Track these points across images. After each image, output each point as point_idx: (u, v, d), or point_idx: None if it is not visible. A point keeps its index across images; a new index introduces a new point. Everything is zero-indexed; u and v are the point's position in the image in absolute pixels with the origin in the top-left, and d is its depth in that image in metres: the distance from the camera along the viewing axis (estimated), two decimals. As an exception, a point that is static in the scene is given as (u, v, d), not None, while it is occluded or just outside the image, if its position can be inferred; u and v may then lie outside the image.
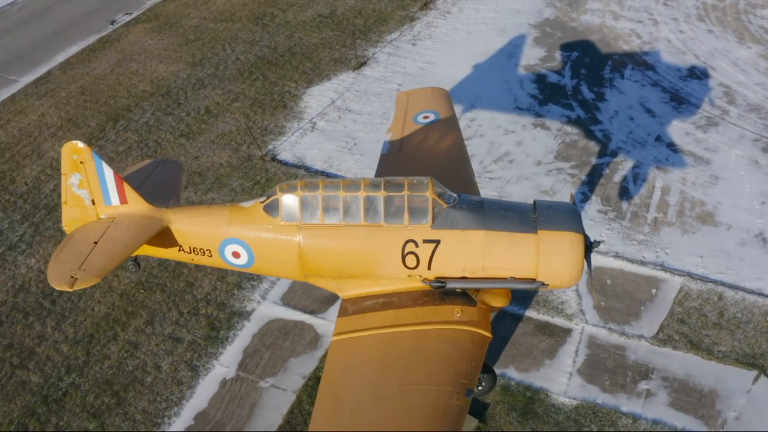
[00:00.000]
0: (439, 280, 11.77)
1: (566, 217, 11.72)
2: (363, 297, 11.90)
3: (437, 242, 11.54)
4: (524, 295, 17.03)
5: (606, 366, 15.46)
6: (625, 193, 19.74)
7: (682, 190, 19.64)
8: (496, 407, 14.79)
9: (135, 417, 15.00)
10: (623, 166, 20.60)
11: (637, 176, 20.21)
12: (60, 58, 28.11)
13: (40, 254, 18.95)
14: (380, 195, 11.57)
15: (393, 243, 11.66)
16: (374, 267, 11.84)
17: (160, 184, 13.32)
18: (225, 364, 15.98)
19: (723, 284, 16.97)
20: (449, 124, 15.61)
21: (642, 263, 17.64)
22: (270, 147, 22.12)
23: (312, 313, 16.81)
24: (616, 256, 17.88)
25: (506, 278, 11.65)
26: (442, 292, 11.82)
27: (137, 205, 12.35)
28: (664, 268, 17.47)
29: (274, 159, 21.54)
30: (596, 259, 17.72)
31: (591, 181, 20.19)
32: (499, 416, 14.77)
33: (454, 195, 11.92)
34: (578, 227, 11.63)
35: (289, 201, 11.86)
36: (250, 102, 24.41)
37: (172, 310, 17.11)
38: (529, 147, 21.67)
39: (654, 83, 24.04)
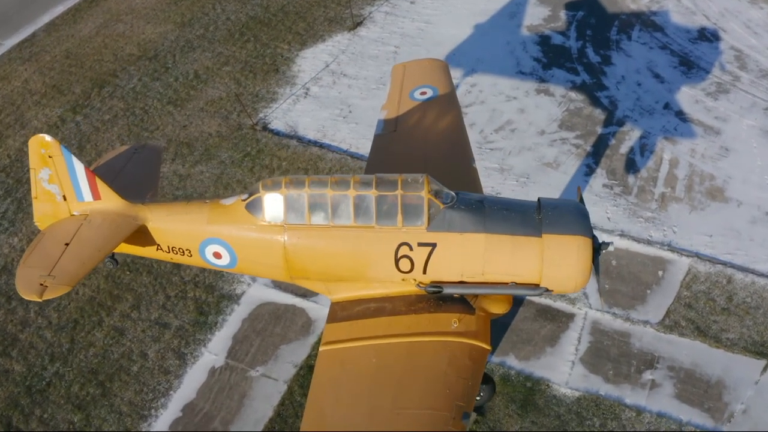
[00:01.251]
0: (436, 284, 11.04)
1: (573, 218, 10.85)
2: (354, 301, 11.16)
3: (433, 246, 10.76)
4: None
5: (610, 354, 14.86)
6: (631, 165, 18.90)
7: (690, 162, 18.78)
8: (495, 399, 14.22)
9: (121, 409, 14.48)
10: (630, 136, 19.70)
11: (644, 147, 19.33)
12: (45, 18, 26.93)
13: (23, 233, 18.23)
14: (371, 194, 10.72)
15: (385, 246, 10.88)
16: (365, 270, 11.10)
17: (137, 175, 12.50)
18: (213, 351, 15.39)
19: (732, 266, 16.26)
20: (448, 102, 14.67)
21: (649, 243, 16.91)
22: (261, 115, 21.20)
23: (304, 296, 16.14)
24: (622, 234, 17.13)
25: (507, 284, 10.90)
26: (438, 297, 11.11)
27: (111, 201, 11.56)
28: (671, 248, 16.74)
29: (265, 128, 20.65)
30: (600, 237, 16.96)
31: (596, 153, 19.33)
32: (498, 408, 14.22)
33: (452, 193, 11.07)
34: (586, 230, 10.79)
35: (273, 200, 11.03)
36: (241, 66, 23.37)
37: (159, 294, 16.47)
38: (531, 115, 20.74)
39: (663, 46, 22.94)
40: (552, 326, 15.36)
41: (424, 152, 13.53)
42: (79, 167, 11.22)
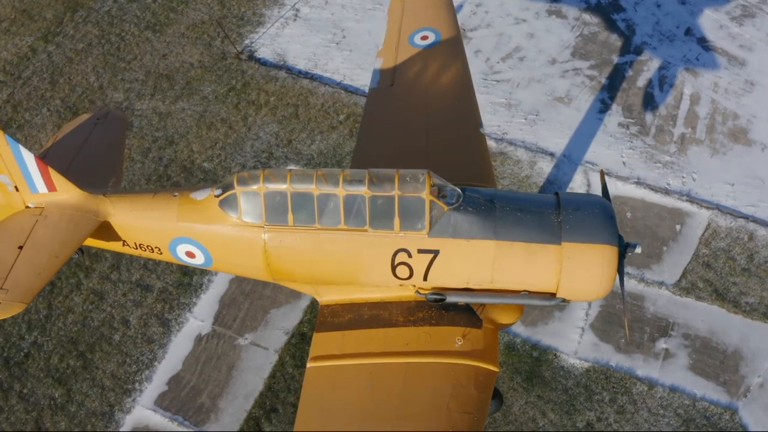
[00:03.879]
0: (438, 292, 9.84)
1: (598, 222, 9.42)
2: (346, 305, 9.98)
3: (435, 253, 9.48)
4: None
5: (622, 320, 13.92)
6: (650, 101, 17.39)
7: (713, 98, 17.25)
8: (500, 369, 13.38)
9: (103, 383, 13.70)
10: (648, 67, 18.07)
11: (663, 80, 17.75)
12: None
13: (-7, 180, 16.94)
14: (364, 194, 9.34)
15: (380, 252, 9.60)
16: (357, 276, 9.89)
17: (99, 156, 11.11)
18: (199, 317, 14.47)
19: (755, 220, 15.09)
20: (452, 49, 12.97)
21: (666, 192, 15.67)
22: (247, 41, 19.46)
23: (296, 254, 15.08)
24: (638, 182, 15.88)
25: (519, 292, 9.69)
26: (440, 306, 9.97)
27: (68, 192, 10.22)
28: (690, 198, 15.53)
29: (251, 57, 18.98)
30: (615, 187, 15.80)
31: (611, 86, 17.77)
32: (502, 381, 13.44)
33: (458, 191, 9.59)
34: (612, 236, 9.40)
35: (250, 197, 9.68)
36: (225, -18, 21.32)
37: (141, 252, 15.38)
38: (542, 40, 18.99)
39: (687, -42, 20.83)
40: (560, 288, 14.37)
41: (424, 115, 12.03)
42: (29, 158, 9.87)
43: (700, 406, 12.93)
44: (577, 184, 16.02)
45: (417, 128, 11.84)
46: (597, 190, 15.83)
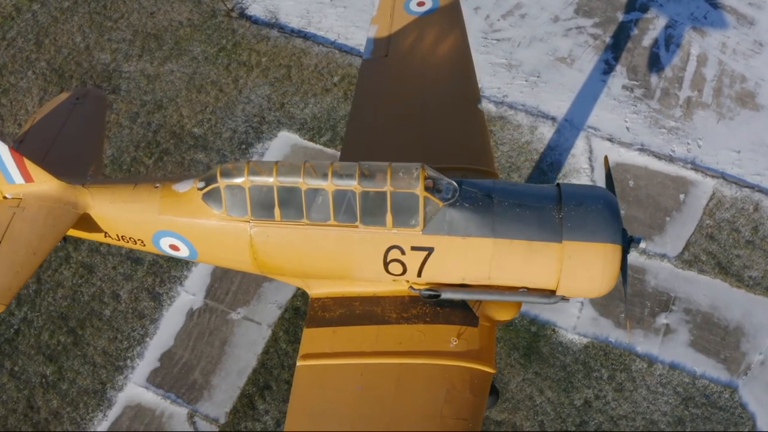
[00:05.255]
0: (432, 288, 9.45)
1: (601, 219, 8.93)
2: (337, 299, 9.60)
3: (430, 250, 9.06)
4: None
5: (623, 294, 13.59)
6: (655, 62, 16.76)
7: (720, 59, 16.61)
8: (497, 345, 13.18)
9: (95, 360, 13.50)
10: (654, 25, 17.36)
11: (670, 39, 17.07)
12: None
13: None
14: (354, 189, 8.86)
15: (372, 248, 9.18)
16: (349, 272, 9.49)
17: (78, 141, 10.59)
18: (191, 290, 14.19)
19: (761, 190, 14.67)
20: (451, 17, 12.28)
21: (670, 159, 15.21)
22: (238, -2, 18.69)
23: (289, 225, 14.72)
24: (641, 149, 15.41)
25: (518, 289, 9.32)
26: (435, 302, 9.59)
27: (46, 183, 9.76)
28: (695, 166, 15.07)
29: (242, 15, 18.25)
30: (618, 154, 15.36)
31: (616, 46, 17.11)
32: (499, 357, 13.25)
33: (454, 184, 9.07)
34: (615, 234, 8.94)
35: (234, 191, 9.22)
36: (214, -69, 20.40)
37: (131, 223, 15.01)
38: (544, -5, 18.24)
39: None
40: (560, 261, 14.04)
41: (421, 91, 11.46)
42: (3, 149, 9.41)
43: (699, 384, 12.75)
44: (579, 150, 15.55)
45: (412, 105, 11.31)
46: (598, 158, 15.43)
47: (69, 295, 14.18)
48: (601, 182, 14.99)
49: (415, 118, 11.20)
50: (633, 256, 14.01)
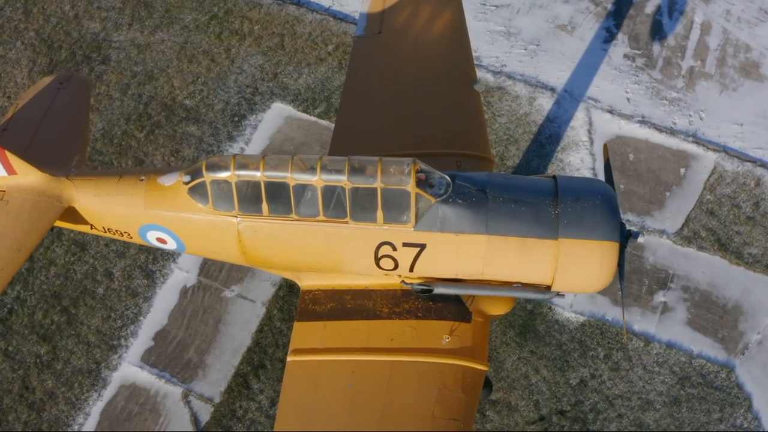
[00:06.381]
0: (425, 283, 9.26)
1: (599, 215, 8.69)
2: (328, 291, 9.42)
3: (422, 246, 8.86)
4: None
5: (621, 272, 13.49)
6: (658, 30, 16.35)
7: (725, 28, 16.18)
8: (492, 323, 13.08)
9: (89, 339, 13.43)
10: (658, -9, 16.91)
11: (673, 6, 16.62)
12: None
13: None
14: (343, 185, 8.62)
15: (362, 244, 8.98)
16: (339, 266, 9.30)
17: (62, 129, 10.29)
18: (184, 268, 14.05)
19: (763, 164, 14.43)
20: (447, -9, 11.96)
21: (672, 132, 14.93)
22: (230, -38, 18.15)
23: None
24: (642, 121, 15.11)
25: (512, 284, 9.12)
26: (427, 297, 9.39)
27: (29, 175, 9.50)
28: (696, 139, 14.80)
29: (234, -19, 17.75)
30: (619, 126, 15.07)
31: (618, 12, 16.68)
32: (495, 335, 13.16)
33: (446, 179, 8.81)
34: (612, 231, 8.73)
35: (220, 185, 8.98)
36: None
37: (123, 198, 14.80)
38: (544, -41, 17.71)
39: None
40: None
41: (415, 71, 11.13)
42: (-16, 142, 9.19)
43: (696, 364, 12.68)
44: (578, 123, 15.26)
45: (406, 87, 11.00)
46: (598, 130, 15.16)
47: (62, 273, 14.05)
48: (599, 155, 14.79)
49: (409, 101, 10.91)
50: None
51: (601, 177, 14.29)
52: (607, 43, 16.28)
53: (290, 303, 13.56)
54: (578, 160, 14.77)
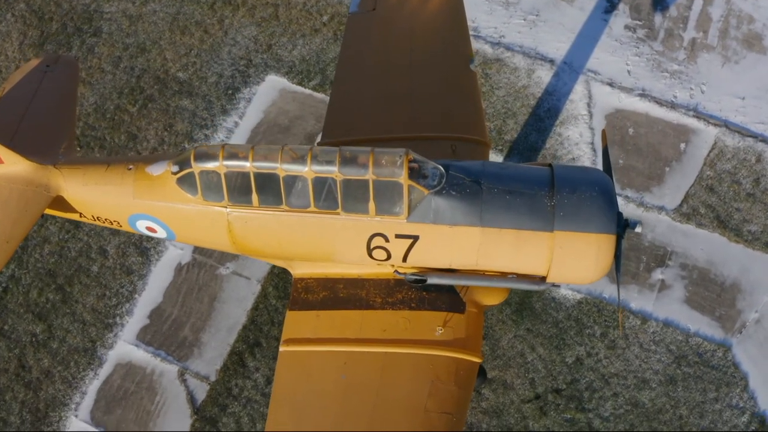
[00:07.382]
0: (419, 273, 9.11)
1: (595, 207, 8.51)
2: (321, 280, 9.28)
3: (415, 238, 8.70)
4: (521, 151, 14.47)
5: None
6: (660, 0, 16.00)
7: (728, -3, 15.85)
8: (486, 311, 13.00)
9: (84, 317, 13.40)
10: (661, -42, 16.51)
11: (676, -25, 16.26)
12: None
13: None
14: (335, 177, 8.44)
15: (354, 235, 8.84)
16: (331, 256, 9.17)
17: (49, 114, 10.05)
18: (179, 245, 13.92)
19: (764, 140, 14.21)
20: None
21: (672, 106, 14.69)
22: (223, -72, 17.70)
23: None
24: (643, 94, 14.86)
25: (507, 275, 8.98)
26: (421, 287, 9.27)
27: (16, 165, 9.29)
28: (697, 113, 14.57)
29: (228, -52, 17.32)
30: (618, 99, 14.83)
31: (619, -19, 16.32)
32: (491, 313, 13.12)
33: (440, 170, 8.61)
34: (609, 224, 8.56)
35: (209, 176, 8.80)
36: None
37: (116, 174, 14.63)
38: (545, -75, 17.27)
39: None
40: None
41: (410, 50, 10.89)
42: (-31, 131, 8.99)
43: (693, 342, 12.64)
44: (578, 96, 15.01)
45: (401, 67, 10.76)
46: (598, 103, 14.93)
47: (56, 251, 13.96)
48: (598, 129, 14.60)
49: (404, 82, 10.67)
50: (630, 208, 13.74)
51: (599, 153, 14.22)
52: (607, 14, 15.95)
53: (285, 280, 13.49)
54: (577, 134, 14.56)
